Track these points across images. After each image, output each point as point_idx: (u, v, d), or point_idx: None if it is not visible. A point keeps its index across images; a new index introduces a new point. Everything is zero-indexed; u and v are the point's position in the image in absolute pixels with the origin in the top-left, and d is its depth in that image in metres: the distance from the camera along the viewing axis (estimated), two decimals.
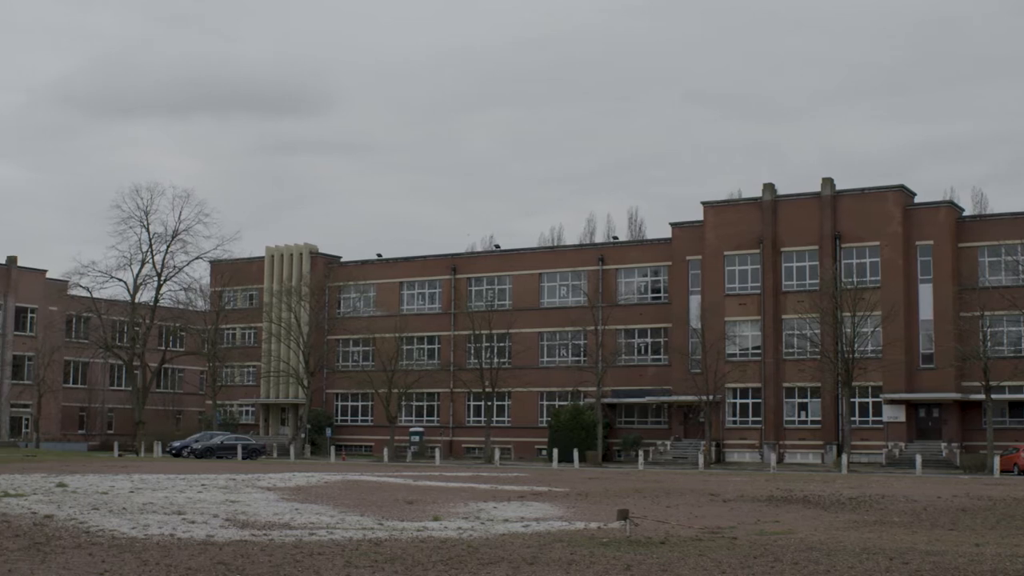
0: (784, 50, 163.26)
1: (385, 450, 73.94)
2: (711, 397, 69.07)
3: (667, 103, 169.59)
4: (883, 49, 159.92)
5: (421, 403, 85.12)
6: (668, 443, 73.49)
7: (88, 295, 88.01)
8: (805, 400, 71.26)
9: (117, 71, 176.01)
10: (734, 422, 72.74)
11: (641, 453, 67.88)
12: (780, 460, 68.50)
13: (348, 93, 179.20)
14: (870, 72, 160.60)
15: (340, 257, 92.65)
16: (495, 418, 79.12)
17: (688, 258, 75.12)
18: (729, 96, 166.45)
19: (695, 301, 74.60)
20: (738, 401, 72.74)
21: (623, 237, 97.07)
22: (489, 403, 76.98)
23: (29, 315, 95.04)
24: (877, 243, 69.88)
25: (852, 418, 68.06)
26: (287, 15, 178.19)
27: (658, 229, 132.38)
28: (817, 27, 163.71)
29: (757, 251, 72.59)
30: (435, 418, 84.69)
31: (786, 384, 71.46)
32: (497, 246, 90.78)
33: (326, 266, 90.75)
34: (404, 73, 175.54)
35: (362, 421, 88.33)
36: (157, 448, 77.41)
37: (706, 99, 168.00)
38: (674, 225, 76.73)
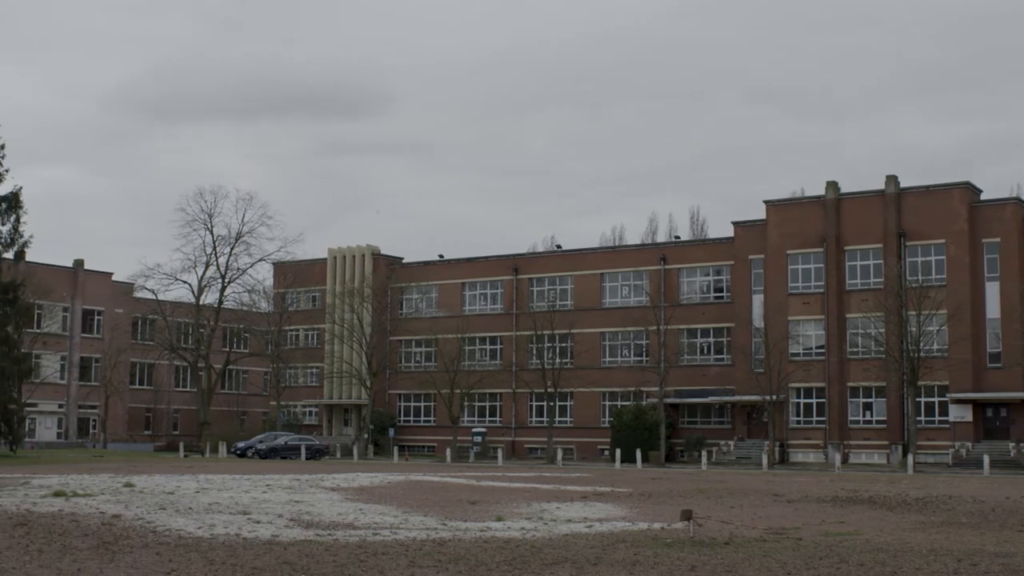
0: (845, 47, 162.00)
1: (448, 450, 74.06)
2: (775, 397, 68.63)
3: (727, 101, 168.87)
4: (946, 44, 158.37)
5: (483, 403, 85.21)
6: (731, 443, 73.08)
7: (153, 297, 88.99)
8: (870, 400, 70.59)
9: (180, 76, 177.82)
10: (798, 422, 72.20)
11: (704, 453, 67.54)
12: (845, 460, 67.87)
13: (406, 94, 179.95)
14: (932, 68, 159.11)
15: (402, 258, 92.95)
16: (557, 418, 79.03)
17: (751, 257, 74.67)
18: (790, 94, 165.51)
19: (758, 300, 74.15)
20: (802, 401, 72.20)
21: (685, 236, 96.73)
22: (551, 403, 76.92)
23: (96, 317, 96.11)
24: (943, 241, 69.10)
25: (918, 418, 67.31)
26: (346, 18, 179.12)
27: (720, 228, 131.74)
28: (877, 23, 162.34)
29: (820, 250, 72.02)
30: (497, 418, 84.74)
31: (850, 384, 70.81)
32: (559, 246, 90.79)
33: (388, 267, 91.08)
34: (462, 73, 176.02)
35: (424, 422, 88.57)
36: (222, 449, 78.02)
37: (767, 97, 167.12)
38: (736, 224, 76.32)
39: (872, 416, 70.36)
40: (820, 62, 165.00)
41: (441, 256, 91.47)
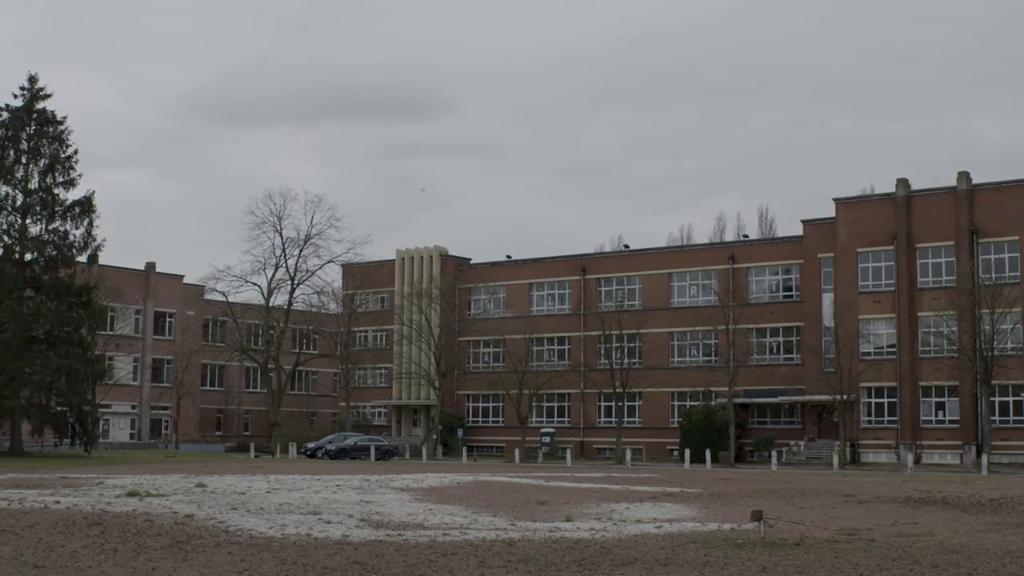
0: (911, 42, 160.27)
1: (516, 451, 74.09)
2: (845, 396, 68.01)
3: (794, 99, 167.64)
4: (1018, 37, 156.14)
5: (552, 404, 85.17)
6: (801, 443, 72.52)
7: (224, 299, 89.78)
8: (943, 399, 69.72)
9: (245, 81, 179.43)
10: (869, 422, 71.49)
11: (774, 453, 67.08)
12: (917, 461, 67.04)
13: (470, 96, 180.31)
14: (1000, 63, 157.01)
15: (470, 259, 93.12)
16: (626, 419, 78.88)
17: (820, 256, 74.06)
18: (857, 90, 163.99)
19: (827, 299, 73.51)
20: (873, 400, 71.46)
21: (753, 235, 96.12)
22: (620, 403, 76.77)
23: (167, 319, 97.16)
24: (1016, 238, 68.10)
25: (992, 417, 66.35)
26: (407, 20, 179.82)
27: (789, 227, 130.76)
28: (944, 18, 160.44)
29: (891, 247, 71.28)
30: (566, 419, 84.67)
31: (923, 383, 70.00)
32: (626, 246, 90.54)
33: (456, 268, 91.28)
34: (524, 74, 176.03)
35: (493, 422, 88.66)
36: (292, 449, 78.58)
37: (834, 94, 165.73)
38: (805, 222, 75.74)
39: (945, 416, 69.50)
40: (888, 57, 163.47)
41: (509, 257, 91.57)
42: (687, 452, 67.39)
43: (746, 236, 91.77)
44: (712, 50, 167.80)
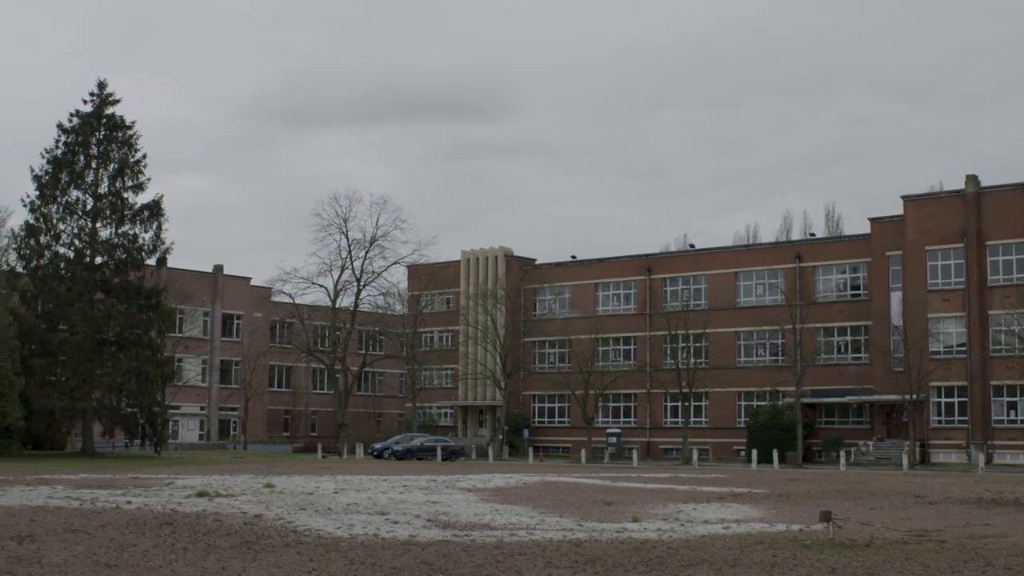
0: (978, 37, 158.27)
1: (582, 451, 73.98)
2: (915, 396, 67.34)
3: (861, 95, 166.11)
4: None
5: (618, 404, 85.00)
6: (870, 443, 71.86)
7: (291, 301, 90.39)
8: (1015, 398, 68.79)
9: (309, 84, 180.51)
10: (939, 421, 70.69)
11: (842, 454, 66.56)
12: (988, 461, 66.24)
13: (532, 96, 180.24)
14: None
15: (535, 259, 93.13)
16: (692, 419, 78.59)
17: (888, 254, 73.38)
18: (925, 86, 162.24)
19: (896, 298, 72.79)
20: (943, 400, 70.67)
21: (820, 234, 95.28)
22: (686, 404, 76.50)
23: (235, 321, 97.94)
24: None
25: None
26: (468, 21, 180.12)
27: (856, 225, 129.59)
28: (1007, 13, 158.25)
29: (960, 245, 70.44)
30: (632, 419, 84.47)
31: (994, 382, 69.11)
32: (692, 245, 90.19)
33: (521, 268, 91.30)
34: (587, 74, 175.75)
35: (559, 422, 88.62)
36: (359, 450, 78.93)
37: (902, 90, 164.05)
38: (873, 220, 75.08)
39: (1017, 415, 68.59)
40: (953, 53, 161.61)
41: (573, 257, 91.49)
42: (754, 452, 67.04)
43: (813, 234, 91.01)
44: (777, 47, 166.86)
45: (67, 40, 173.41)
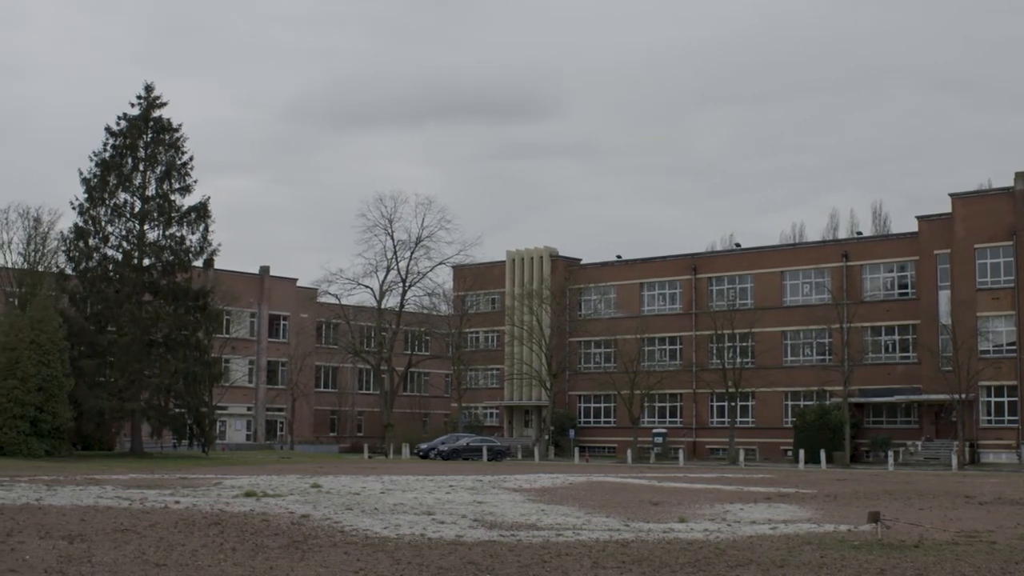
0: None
1: (628, 451, 73.88)
2: (964, 396, 66.78)
3: (908, 93, 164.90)
4: None
5: (664, 404, 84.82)
6: (919, 443, 71.34)
7: (337, 302, 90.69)
8: None
9: (354, 85, 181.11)
10: (989, 421, 70.09)
11: (890, 454, 66.14)
12: None
13: (576, 96, 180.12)
14: None
15: (580, 259, 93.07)
16: (739, 419, 78.30)
17: (936, 252, 72.81)
18: (973, 83, 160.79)
19: (944, 296, 72.22)
20: (993, 400, 70.07)
21: (867, 232, 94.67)
22: (732, 403, 76.22)
23: (282, 322, 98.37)
24: None
25: None
26: (514, 22, 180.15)
27: (904, 223, 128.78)
28: None
29: (1010, 243, 69.80)
30: (678, 419, 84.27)
31: None
32: (737, 244, 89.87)
33: (566, 268, 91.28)
34: (631, 73, 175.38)
35: (605, 423, 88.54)
36: (405, 450, 79.12)
37: (949, 87, 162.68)
38: (920, 218, 74.54)
39: None
40: (1002, 48, 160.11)
41: (619, 257, 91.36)
42: (801, 452, 66.71)
43: (860, 233, 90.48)
44: (823, 43, 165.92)
45: (115, 44, 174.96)
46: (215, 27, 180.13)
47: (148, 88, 66.70)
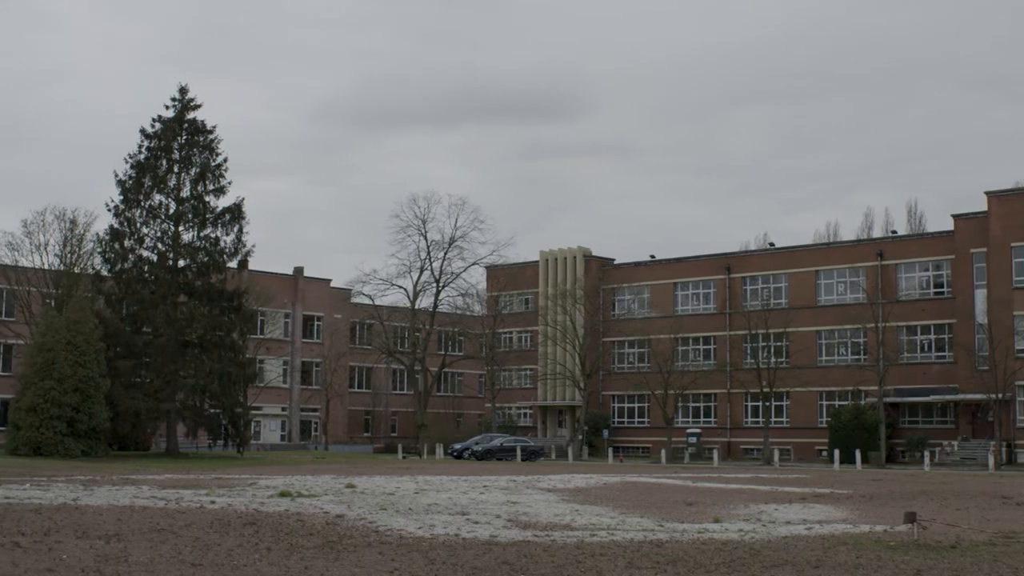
0: None
1: (662, 451, 73.75)
2: (1000, 395, 66.33)
3: (941, 90, 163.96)
4: None
5: (698, 404, 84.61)
6: (955, 443, 70.88)
7: (370, 302, 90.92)
8: None
9: (385, 87, 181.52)
10: None
11: (926, 454, 65.75)
12: None
13: (607, 95, 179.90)
14: None
15: (613, 259, 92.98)
16: (773, 419, 78.03)
17: (972, 251, 72.31)
18: (1007, 80, 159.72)
19: (980, 295, 71.73)
20: None
21: (902, 231, 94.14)
22: (767, 403, 75.97)
23: (316, 323, 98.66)
24: None
25: None
26: (545, 23, 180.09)
27: (939, 222, 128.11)
28: None
29: None
30: (712, 419, 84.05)
31: None
32: (771, 244, 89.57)
33: (599, 268, 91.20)
34: (663, 72, 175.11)
35: (638, 423, 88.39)
36: (439, 450, 79.23)
37: (983, 84, 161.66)
38: (956, 217, 74.08)
39: None
40: None
41: (652, 256, 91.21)
42: (836, 452, 66.43)
43: (895, 232, 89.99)
44: (855, 42, 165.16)
45: (148, 47, 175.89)
46: (247, 30, 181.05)
47: (182, 90, 67.01)
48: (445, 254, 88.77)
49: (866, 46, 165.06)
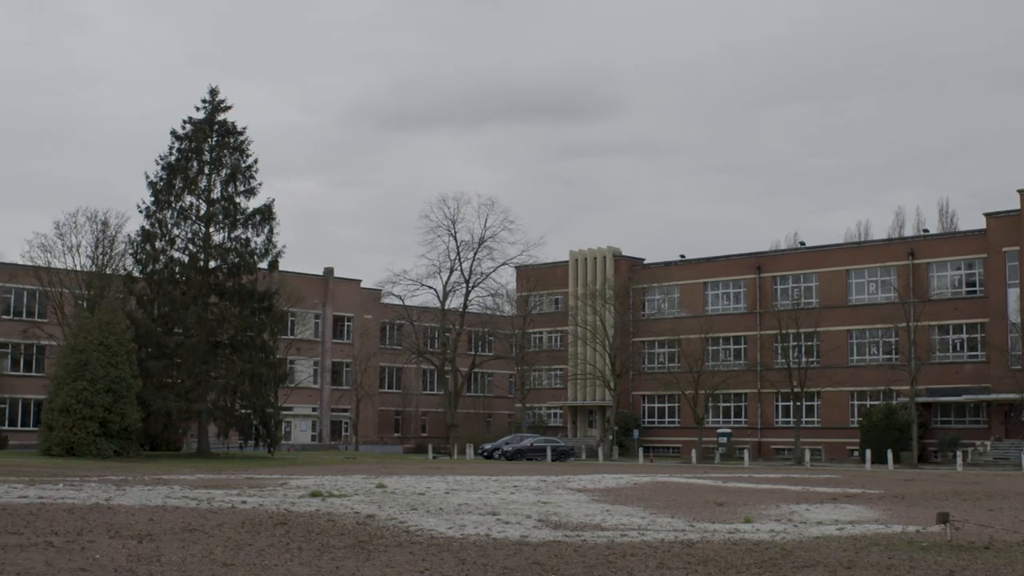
0: None
1: (693, 451, 73.60)
2: None
3: (972, 88, 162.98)
4: None
5: (728, 404, 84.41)
6: (988, 443, 70.49)
7: (400, 303, 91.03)
8: None
9: (413, 87, 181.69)
10: None
11: (959, 454, 65.37)
12: None
13: (637, 94, 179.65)
14: None
15: (643, 259, 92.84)
16: (804, 419, 77.76)
17: (1005, 249, 71.89)
18: None
19: (1013, 294, 71.29)
20: None
21: (933, 230, 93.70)
22: (798, 403, 75.71)
23: (346, 323, 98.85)
24: None
25: None
26: (572, 21, 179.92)
27: (971, 220, 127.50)
28: None
29: None
30: (743, 419, 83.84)
31: None
32: (802, 243, 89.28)
33: (629, 268, 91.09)
34: (692, 71, 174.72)
35: (669, 423, 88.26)
36: (469, 450, 79.27)
37: (1015, 82, 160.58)
38: (988, 215, 73.67)
39: None
40: None
41: (682, 256, 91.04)
42: (867, 452, 66.16)
43: (926, 231, 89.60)
44: (882, 42, 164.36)
45: (179, 50, 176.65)
46: (276, 32, 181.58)
47: (213, 92, 67.25)
48: (475, 254, 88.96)
49: (896, 43, 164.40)
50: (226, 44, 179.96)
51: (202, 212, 66.52)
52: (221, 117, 67.03)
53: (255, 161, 67.44)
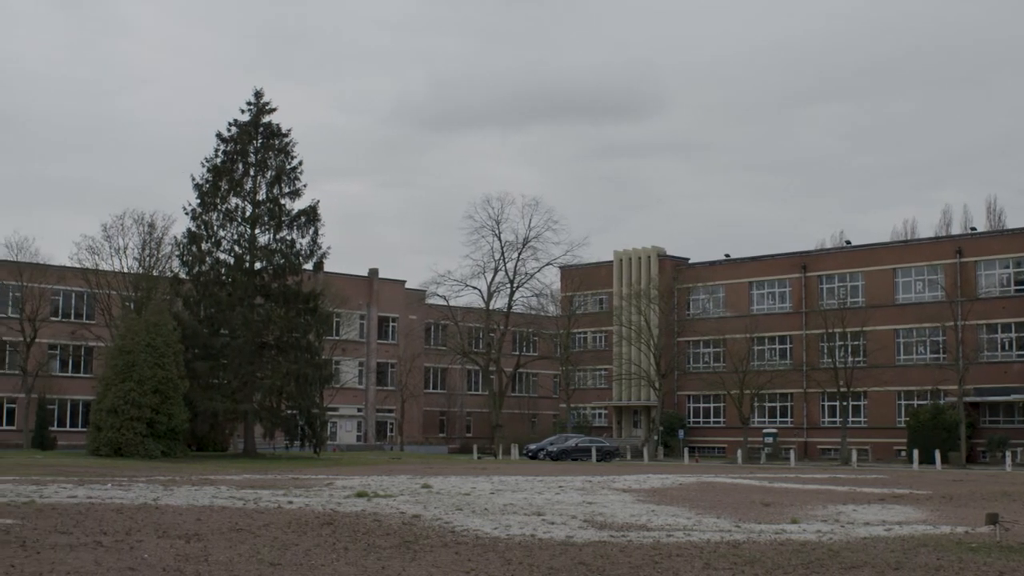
0: None
1: (738, 452, 73.32)
2: None
3: (1017, 84, 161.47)
4: None
5: (774, 404, 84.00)
6: None
7: (445, 303, 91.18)
8: None
9: (455, 88, 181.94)
10: None
11: (1008, 454, 64.80)
12: None
13: (679, 94, 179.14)
14: None
15: (687, 259, 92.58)
16: (851, 418, 77.29)
17: None
18: None
19: None
20: None
21: (981, 228, 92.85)
22: (844, 403, 75.27)
23: (390, 324, 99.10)
24: None
25: None
26: (613, 21, 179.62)
27: (1019, 218, 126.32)
28: None
29: None
30: (788, 419, 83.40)
31: None
32: (848, 242, 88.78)
33: (674, 268, 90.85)
34: (734, 70, 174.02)
35: (714, 423, 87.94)
36: (514, 451, 79.27)
37: None
38: None
39: None
40: None
41: (727, 255, 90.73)
42: (915, 453, 65.67)
43: (974, 229, 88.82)
44: (930, 38, 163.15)
45: (222, 53, 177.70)
46: (320, 34, 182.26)
47: (258, 94, 67.59)
48: (519, 255, 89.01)
49: (942, 40, 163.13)
50: (268, 47, 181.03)
51: (248, 214, 66.88)
52: (266, 119, 67.38)
53: (300, 163, 67.81)
